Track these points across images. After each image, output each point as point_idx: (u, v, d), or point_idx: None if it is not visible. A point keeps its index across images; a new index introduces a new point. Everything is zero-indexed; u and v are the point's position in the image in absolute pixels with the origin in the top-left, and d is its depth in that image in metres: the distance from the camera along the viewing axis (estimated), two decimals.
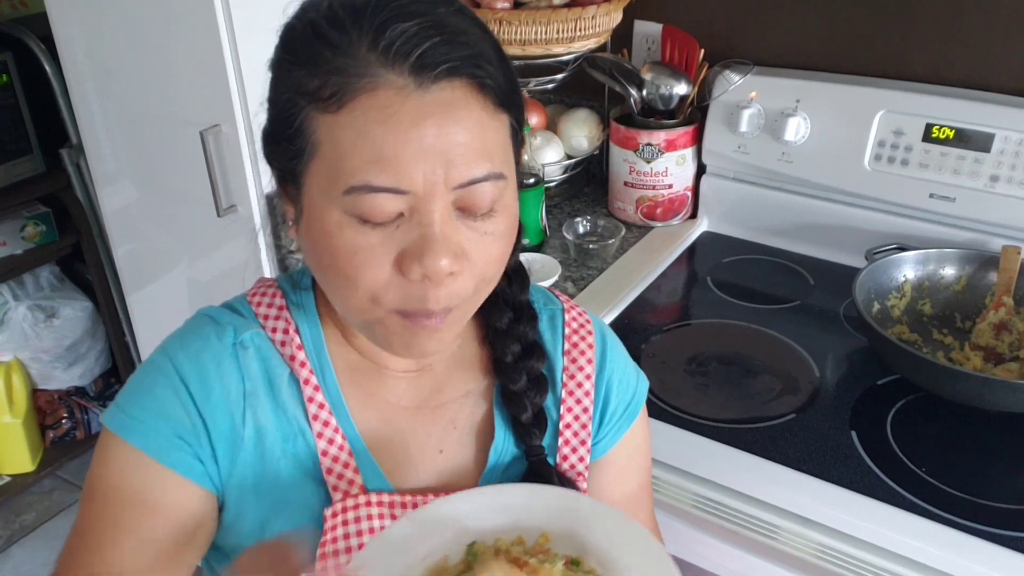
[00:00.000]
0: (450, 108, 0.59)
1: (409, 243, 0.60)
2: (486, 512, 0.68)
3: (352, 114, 0.59)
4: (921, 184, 1.33)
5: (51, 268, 2.39)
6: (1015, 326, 1.19)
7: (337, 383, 0.72)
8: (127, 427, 0.67)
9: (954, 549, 0.90)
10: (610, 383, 0.80)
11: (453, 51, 0.59)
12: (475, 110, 0.60)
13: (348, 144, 0.59)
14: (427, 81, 0.58)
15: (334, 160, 0.60)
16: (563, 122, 1.63)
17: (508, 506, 0.68)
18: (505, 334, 0.76)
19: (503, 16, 1.40)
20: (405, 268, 0.60)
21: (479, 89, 0.61)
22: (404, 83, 0.58)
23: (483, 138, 0.61)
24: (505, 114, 0.63)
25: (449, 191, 0.59)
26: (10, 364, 2.26)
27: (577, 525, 0.66)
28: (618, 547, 0.64)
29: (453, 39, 0.60)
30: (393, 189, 0.58)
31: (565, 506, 0.68)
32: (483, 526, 0.67)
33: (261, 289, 0.76)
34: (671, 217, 1.58)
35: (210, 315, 0.73)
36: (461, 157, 0.59)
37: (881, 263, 1.26)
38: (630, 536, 0.65)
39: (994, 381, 1.04)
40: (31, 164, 2.15)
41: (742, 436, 1.06)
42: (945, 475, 0.99)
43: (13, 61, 2.06)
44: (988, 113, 1.28)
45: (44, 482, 2.38)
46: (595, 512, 0.68)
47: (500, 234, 0.64)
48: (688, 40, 1.49)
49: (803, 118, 1.40)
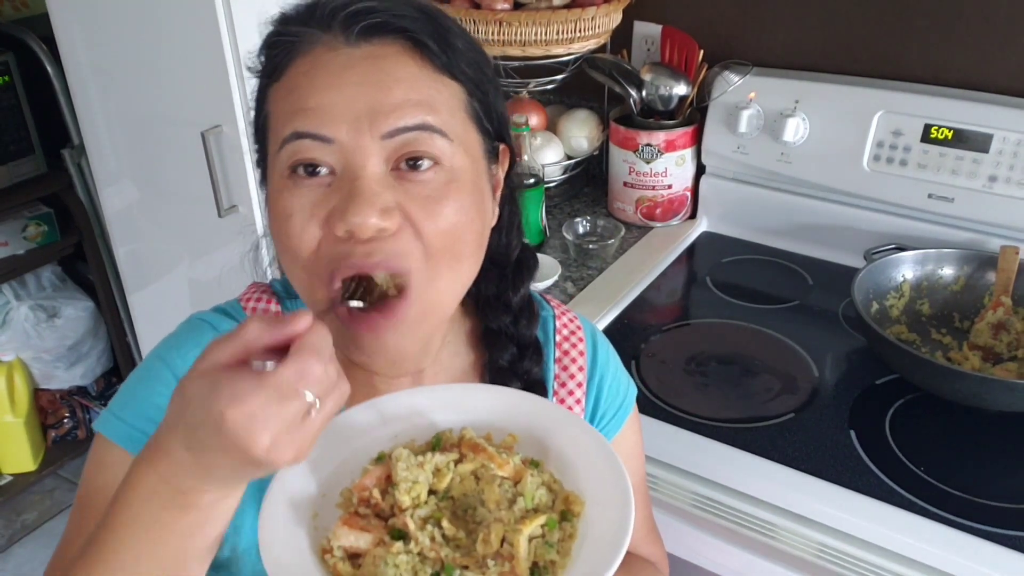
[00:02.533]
0: (378, 60, 0.60)
1: (337, 202, 0.59)
2: (451, 409, 0.67)
3: (288, 76, 0.61)
4: (920, 184, 1.34)
5: (53, 268, 2.39)
6: (1013, 326, 1.19)
7: None
8: (123, 433, 0.66)
9: (952, 548, 0.90)
10: (600, 387, 0.79)
11: (383, 9, 0.61)
12: (410, 66, 0.61)
13: (282, 102, 0.61)
14: (353, 37, 0.60)
15: (275, 124, 0.62)
16: (563, 123, 1.64)
17: (474, 405, 0.67)
18: (499, 335, 0.74)
19: (503, 17, 1.40)
20: (332, 226, 0.58)
21: (416, 49, 0.61)
22: (335, 41, 0.61)
23: (418, 91, 0.60)
24: (455, 83, 0.63)
25: (377, 142, 0.59)
26: (12, 364, 2.27)
27: (540, 429, 0.65)
28: (578, 455, 0.63)
29: (388, 3, 0.62)
30: (316, 135, 0.58)
31: (529, 409, 0.67)
32: (448, 420, 0.66)
33: (255, 294, 0.75)
34: (671, 217, 1.58)
35: (204, 319, 0.72)
36: (389, 107, 0.59)
37: (880, 263, 1.26)
38: (590, 445, 0.63)
39: (992, 381, 1.04)
40: (33, 164, 2.16)
41: (741, 435, 1.06)
42: (943, 474, 1.00)
43: (15, 61, 2.07)
44: (986, 114, 1.28)
45: (45, 481, 2.38)
46: (558, 417, 0.67)
47: (448, 199, 0.61)
48: (687, 41, 1.50)
49: (802, 119, 1.41)
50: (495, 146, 0.69)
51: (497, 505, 0.58)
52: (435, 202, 0.61)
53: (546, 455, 0.64)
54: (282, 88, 0.62)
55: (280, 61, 0.62)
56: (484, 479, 0.60)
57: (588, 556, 0.55)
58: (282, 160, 0.61)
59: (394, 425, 0.66)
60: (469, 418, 0.66)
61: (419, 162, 0.60)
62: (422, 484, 0.58)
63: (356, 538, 0.56)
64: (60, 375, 2.38)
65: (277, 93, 0.62)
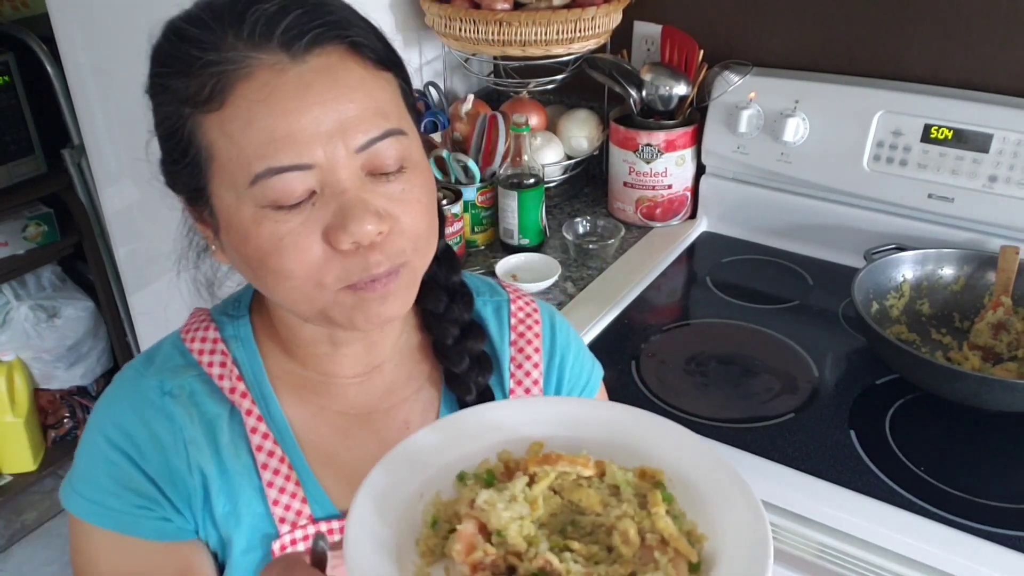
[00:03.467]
0: (330, 73, 0.59)
1: (330, 217, 0.59)
2: (530, 422, 0.61)
3: (235, 105, 0.58)
4: (920, 184, 1.34)
5: (53, 268, 2.39)
6: (1013, 326, 1.19)
7: (281, 409, 0.71)
8: (90, 511, 0.67)
9: (952, 548, 0.90)
10: (562, 367, 0.80)
11: (316, 18, 0.60)
12: (356, 71, 0.61)
13: (239, 135, 0.58)
14: (299, 52, 0.59)
15: (232, 156, 0.59)
16: (563, 123, 1.64)
17: (559, 417, 0.62)
18: (442, 317, 0.76)
19: (503, 17, 1.40)
20: (335, 241, 0.59)
21: (354, 51, 0.61)
22: (277, 60, 0.58)
23: (373, 97, 0.61)
24: (388, 72, 0.64)
25: (352, 156, 0.59)
26: (12, 364, 2.27)
27: (638, 441, 0.59)
28: (690, 468, 0.56)
29: (315, 9, 0.60)
30: (296, 166, 0.58)
31: (622, 420, 0.61)
32: (528, 434, 0.60)
33: (195, 324, 0.75)
34: (670, 217, 1.58)
35: (132, 371, 0.72)
36: (355, 120, 0.59)
37: (880, 263, 1.26)
38: (702, 456, 0.57)
39: (992, 381, 1.04)
40: (33, 164, 2.16)
41: (741, 435, 1.06)
42: (943, 474, 1.00)
43: (15, 62, 2.07)
44: (986, 113, 1.28)
45: (45, 481, 2.38)
46: (658, 427, 0.60)
47: (417, 191, 0.63)
48: (687, 41, 1.50)
49: (802, 119, 1.41)
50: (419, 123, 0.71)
51: (604, 505, 0.54)
52: (414, 199, 0.63)
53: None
54: (231, 119, 0.58)
55: (214, 88, 0.58)
56: (567, 488, 0.56)
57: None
58: (257, 194, 0.59)
59: (458, 448, 0.61)
60: (549, 431, 0.61)
61: (400, 171, 0.62)
62: (527, 518, 0.52)
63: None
64: (60, 375, 2.38)
65: (225, 123, 0.59)
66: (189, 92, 0.60)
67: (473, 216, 1.48)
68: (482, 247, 1.52)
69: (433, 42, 1.65)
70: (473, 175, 1.46)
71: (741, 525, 0.52)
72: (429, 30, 1.57)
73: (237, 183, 0.60)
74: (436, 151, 1.47)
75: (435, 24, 1.50)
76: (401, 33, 1.60)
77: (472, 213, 1.47)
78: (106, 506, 0.67)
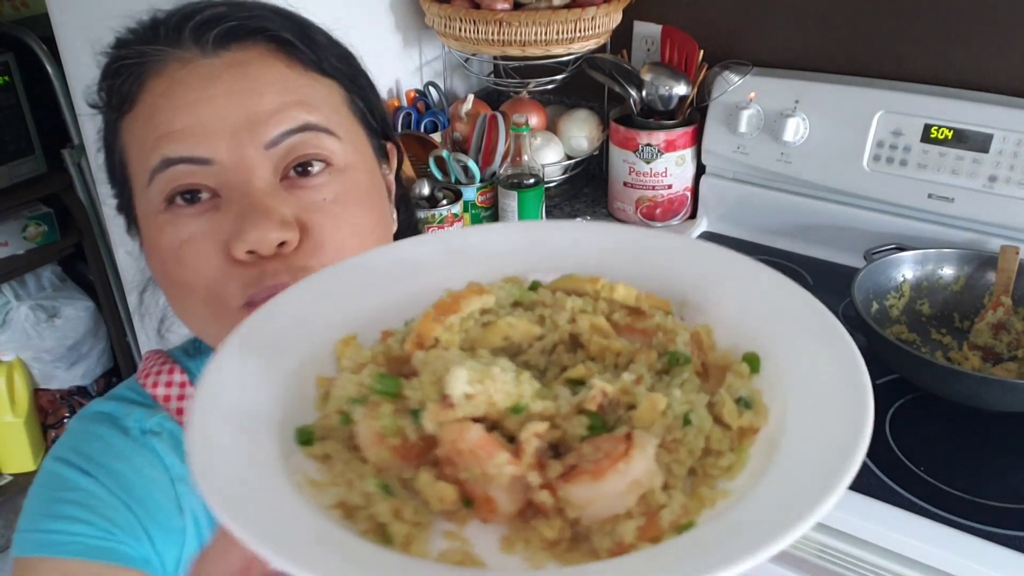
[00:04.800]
0: (243, 67, 0.55)
1: (231, 223, 0.53)
2: (526, 249, 0.49)
3: (143, 102, 0.55)
4: (920, 184, 1.33)
5: (53, 268, 2.39)
6: (1013, 326, 1.19)
7: None
8: (32, 543, 0.59)
9: (953, 548, 0.90)
10: None
11: (233, 16, 0.56)
12: (278, 68, 0.56)
13: (142, 131, 0.55)
14: (209, 46, 0.55)
15: (135, 156, 0.56)
16: (563, 123, 1.64)
17: (553, 243, 0.50)
18: None
19: (503, 17, 1.40)
20: (232, 248, 0.52)
21: (281, 50, 0.57)
22: (188, 55, 0.55)
23: (294, 92, 0.55)
24: (329, 80, 0.59)
25: (261, 152, 0.54)
26: (12, 364, 2.27)
27: (672, 266, 0.46)
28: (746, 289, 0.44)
29: (235, 9, 0.57)
30: (191, 159, 0.53)
31: (633, 240, 0.49)
32: (530, 264, 0.48)
33: (154, 368, 0.68)
34: (671, 217, 1.58)
35: (100, 412, 0.65)
36: (267, 113, 0.54)
37: (880, 263, 1.26)
38: (750, 271, 0.44)
39: (992, 381, 1.04)
40: (33, 164, 2.15)
41: None
42: (943, 474, 1.00)
43: (15, 61, 2.07)
44: (986, 113, 1.28)
45: None
46: (686, 247, 0.48)
47: (348, 207, 0.56)
48: (687, 41, 1.50)
49: (802, 119, 1.40)
50: (382, 144, 0.65)
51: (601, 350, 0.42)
52: (333, 206, 0.55)
53: (687, 305, 0.45)
54: (138, 117, 0.55)
55: (129, 89, 0.55)
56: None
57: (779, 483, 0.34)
58: (153, 194, 0.54)
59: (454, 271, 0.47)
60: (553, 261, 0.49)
61: (309, 166, 0.55)
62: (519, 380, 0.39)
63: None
64: (60, 375, 2.38)
65: (133, 124, 0.56)
66: (112, 97, 0.57)
67: (473, 216, 1.48)
68: None
69: (433, 42, 1.65)
70: (473, 175, 1.46)
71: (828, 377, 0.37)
72: (429, 30, 1.57)
73: (141, 183, 0.55)
74: (436, 151, 1.47)
75: (435, 24, 1.50)
76: (401, 33, 1.60)
77: (472, 213, 1.47)
78: (50, 530, 0.59)
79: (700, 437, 0.36)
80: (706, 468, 0.37)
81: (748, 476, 0.36)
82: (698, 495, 0.35)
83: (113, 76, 0.57)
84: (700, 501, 0.35)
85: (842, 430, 0.34)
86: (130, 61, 0.56)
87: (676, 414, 0.37)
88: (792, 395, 0.38)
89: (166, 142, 0.53)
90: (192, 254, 0.53)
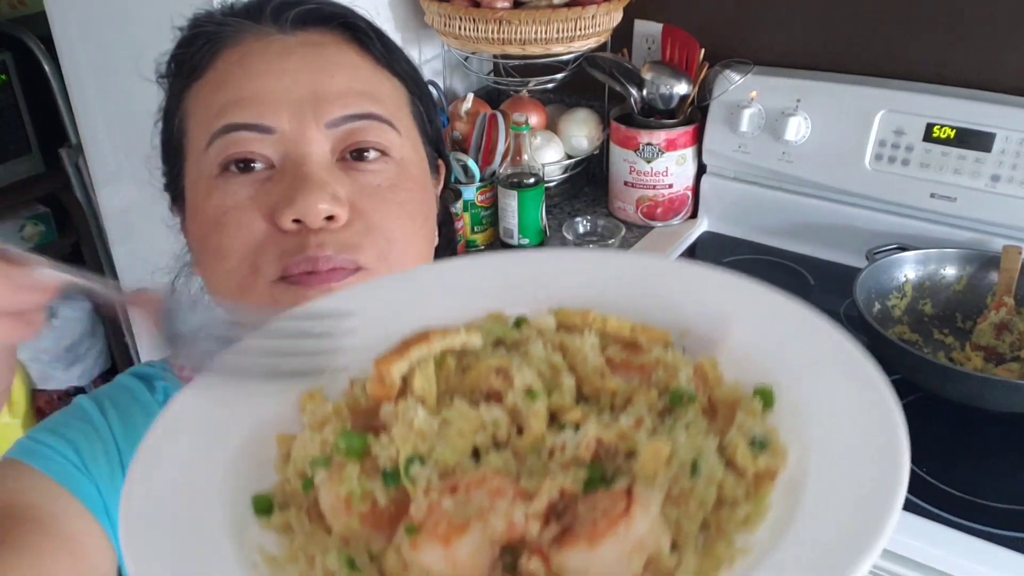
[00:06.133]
0: (317, 47, 0.57)
1: (281, 191, 0.53)
2: (517, 283, 0.45)
3: (215, 69, 0.57)
4: (922, 184, 1.33)
5: None
6: (1016, 326, 1.19)
7: None
8: (30, 450, 0.58)
9: (954, 549, 0.90)
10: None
11: (315, 2, 0.58)
12: (351, 56, 0.58)
13: (211, 97, 0.56)
14: (288, 26, 0.57)
15: (199, 120, 0.57)
16: (563, 122, 1.63)
17: (540, 273, 0.45)
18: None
19: (503, 16, 1.40)
20: (278, 217, 0.53)
21: (355, 42, 0.58)
22: (267, 30, 0.57)
23: (363, 81, 0.57)
24: (398, 80, 0.61)
25: (322, 130, 0.55)
26: None
27: (668, 295, 0.43)
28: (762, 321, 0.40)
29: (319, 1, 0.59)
30: (255, 125, 0.54)
31: (627, 267, 0.47)
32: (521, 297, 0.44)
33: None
34: (671, 217, 1.57)
35: (138, 372, 0.68)
36: (334, 94, 0.55)
37: (882, 263, 1.26)
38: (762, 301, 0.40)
39: (995, 381, 1.03)
40: (30, 164, 2.15)
41: None
42: (946, 475, 0.99)
43: (12, 61, 2.06)
44: (989, 113, 1.27)
45: None
46: (687, 274, 0.44)
47: (401, 195, 0.57)
48: (688, 40, 1.49)
49: (803, 118, 1.40)
50: (435, 156, 0.66)
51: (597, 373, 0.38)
52: (387, 192, 0.56)
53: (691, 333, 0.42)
54: (207, 84, 0.57)
55: (203, 57, 0.57)
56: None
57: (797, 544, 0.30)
58: (211, 157, 0.55)
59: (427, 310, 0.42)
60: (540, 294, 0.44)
61: (367, 152, 0.56)
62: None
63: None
64: (58, 376, 2.37)
65: (201, 91, 0.57)
66: (184, 64, 0.59)
67: (473, 216, 1.47)
68: (482, 247, 1.51)
69: (433, 41, 1.65)
70: (473, 174, 1.45)
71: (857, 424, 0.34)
72: (429, 29, 1.56)
73: (198, 149, 0.56)
74: None
75: (435, 23, 1.49)
76: (400, 31, 1.59)
77: (472, 213, 1.47)
78: (42, 442, 0.58)
79: (711, 486, 0.33)
80: (720, 521, 0.32)
81: (769, 528, 0.31)
82: (713, 553, 0.31)
83: (188, 44, 0.59)
84: (716, 561, 0.31)
85: (874, 469, 0.30)
86: (208, 29, 0.58)
87: (682, 461, 0.33)
88: (813, 432, 0.34)
89: (232, 107, 0.54)
90: (235, 220, 0.54)
